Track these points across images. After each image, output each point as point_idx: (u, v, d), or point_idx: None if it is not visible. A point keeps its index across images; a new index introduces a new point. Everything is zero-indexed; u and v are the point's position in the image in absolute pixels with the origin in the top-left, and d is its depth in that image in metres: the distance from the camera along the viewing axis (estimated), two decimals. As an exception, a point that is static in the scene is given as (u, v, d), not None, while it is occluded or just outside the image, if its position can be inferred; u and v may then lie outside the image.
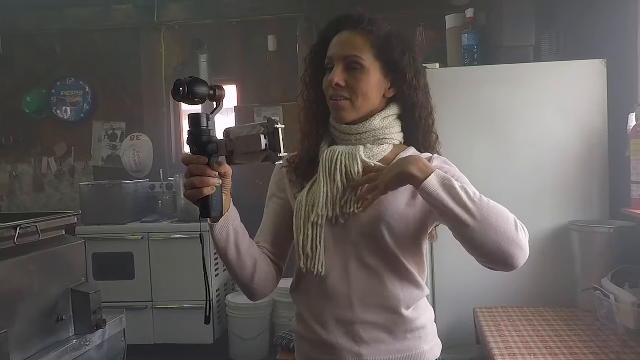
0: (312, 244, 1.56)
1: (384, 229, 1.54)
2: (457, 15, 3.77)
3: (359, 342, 1.56)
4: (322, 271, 1.56)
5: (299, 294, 1.68)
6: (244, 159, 1.38)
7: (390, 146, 1.64)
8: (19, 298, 2.49)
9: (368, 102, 1.60)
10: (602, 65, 3.21)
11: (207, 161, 1.37)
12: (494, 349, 2.57)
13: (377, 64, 1.59)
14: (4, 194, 6.34)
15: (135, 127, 6.04)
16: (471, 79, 3.37)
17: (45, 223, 2.74)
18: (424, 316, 1.63)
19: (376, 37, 1.59)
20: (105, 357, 2.94)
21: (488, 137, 3.29)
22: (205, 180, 1.36)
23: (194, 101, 1.36)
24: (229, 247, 1.51)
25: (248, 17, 5.84)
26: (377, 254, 1.56)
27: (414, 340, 1.59)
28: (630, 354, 2.44)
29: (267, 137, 1.32)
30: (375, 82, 1.59)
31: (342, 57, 1.58)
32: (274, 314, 5.07)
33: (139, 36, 6.05)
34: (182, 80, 1.35)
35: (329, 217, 1.55)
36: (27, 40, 6.18)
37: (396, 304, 1.57)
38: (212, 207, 1.41)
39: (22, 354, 2.46)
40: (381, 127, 1.61)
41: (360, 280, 1.56)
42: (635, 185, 2.98)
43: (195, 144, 1.39)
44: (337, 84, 1.57)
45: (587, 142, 3.22)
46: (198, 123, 1.38)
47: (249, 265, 1.56)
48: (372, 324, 1.56)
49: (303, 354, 1.67)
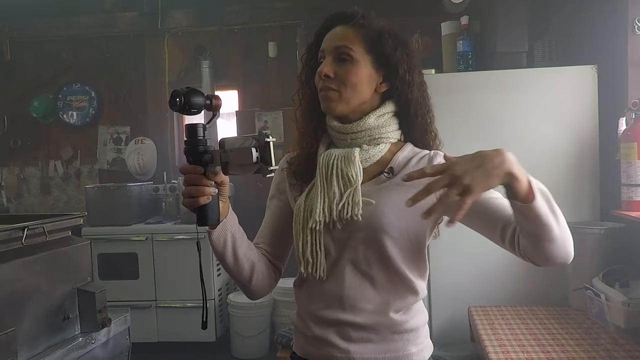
0: (311, 249, 1.54)
1: (385, 237, 1.51)
2: (452, 22, 3.78)
3: (347, 340, 1.55)
4: (323, 276, 1.56)
5: (299, 291, 1.67)
6: (237, 170, 1.39)
7: (387, 145, 1.60)
8: (26, 297, 2.50)
9: (358, 95, 1.55)
10: (593, 71, 3.21)
11: (204, 171, 1.38)
12: (488, 346, 2.57)
13: (367, 57, 1.55)
14: (12, 196, 6.35)
15: (140, 131, 6.06)
16: (466, 84, 3.36)
17: (52, 224, 2.75)
18: (414, 319, 1.60)
19: (368, 31, 1.56)
20: (110, 355, 2.94)
21: (482, 141, 3.26)
22: (201, 189, 1.38)
23: (190, 111, 1.37)
24: (226, 252, 1.51)
25: (249, 25, 5.86)
26: (374, 261, 1.54)
27: (401, 341, 1.57)
28: (620, 351, 2.44)
29: (259, 150, 1.33)
30: (365, 75, 1.55)
31: (333, 49, 1.55)
32: (274, 312, 5.08)
33: (143, 43, 6.07)
34: (179, 91, 1.35)
35: (326, 222, 1.52)
36: (35, 47, 6.20)
37: (385, 308, 1.55)
38: (209, 215, 1.42)
39: (29, 352, 2.46)
40: (376, 126, 1.57)
41: (354, 285, 1.55)
42: (625, 188, 2.98)
43: (192, 154, 1.39)
44: (326, 74, 1.53)
45: (579, 145, 3.23)
46: (195, 133, 1.39)
47: (246, 268, 1.56)
48: (360, 325, 1.54)
49: (299, 346, 1.68)
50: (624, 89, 3.15)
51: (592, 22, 3.49)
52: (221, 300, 5.20)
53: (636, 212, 2.90)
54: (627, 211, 2.96)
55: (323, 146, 1.64)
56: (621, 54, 3.17)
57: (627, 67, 3.13)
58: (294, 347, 1.72)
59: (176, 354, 5.12)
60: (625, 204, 2.99)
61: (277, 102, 5.77)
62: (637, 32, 3.09)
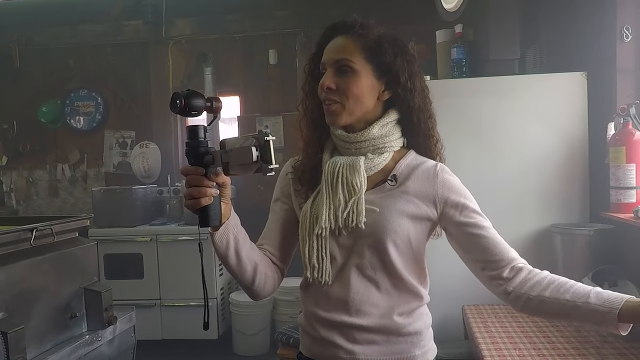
0: (317, 255, 1.54)
1: (389, 245, 1.51)
2: (447, 30, 3.78)
3: (353, 342, 1.55)
4: (329, 281, 1.55)
5: (305, 294, 1.66)
6: (238, 170, 1.36)
7: (390, 153, 1.59)
8: (35, 296, 2.50)
9: (361, 105, 1.54)
10: (582, 78, 3.22)
11: (205, 172, 1.36)
12: (481, 344, 2.57)
13: (368, 67, 1.53)
14: (21, 199, 6.35)
15: (144, 136, 6.06)
16: (460, 90, 3.37)
17: (59, 226, 2.75)
18: (418, 322, 1.60)
19: (367, 40, 1.54)
20: (116, 352, 2.94)
21: (476, 145, 3.29)
22: (203, 190, 1.35)
23: (190, 113, 1.34)
24: (229, 254, 1.49)
25: (250, 33, 5.86)
26: (378, 267, 1.54)
27: (406, 344, 1.57)
28: (609, 348, 2.44)
29: (259, 149, 1.31)
30: (367, 85, 1.53)
31: (333, 62, 1.54)
32: (275, 311, 5.08)
33: (148, 50, 6.07)
34: (179, 93, 1.33)
35: (332, 229, 1.52)
36: (43, 54, 6.20)
37: (390, 311, 1.55)
38: (211, 216, 1.39)
39: (38, 349, 2.46)
40: (380, 136, 1.55)
41: (359, 289, 1.54)
42: (614, 190, 2.98)
43: (193, 155, 1.37)
44: (328, 87, 1.52)
45: (569, 149, 3.23)
46: (196, 135, 1.37)
47: (249, 269, 1.54)
48: (365, 328, 1.54)
49: (305, 346, 1.67)
50: (613, 95, 3.15)
51: (582, 30, 3.50)
52: (223, 299, 5.20)
53: (624, 214, 2.90)
54: (616, 213, 2.96)
55: (327, 153, 1.62)
56: (610, 61, 3.18)
57: (615, 73, 3.14)
58: (301, 347, 1.70)
59: (180, 351, 5.11)
60: (614, 206, 3.00)
61: (277, 107, 5.78)
62: (625, 39, 3.10)
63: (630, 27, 3.10)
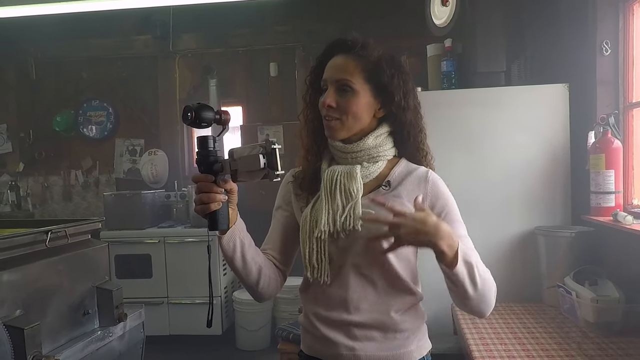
0: (317, 256, 1.54)
1: (384, 245, 1.48)
2: (437, 44, 3.79)
3: (352, 339, 1.55)
4: (327, 281, 1.55)
5: (305, 295, 1.67)
6: (246, 177, 1.37)
7: (384, 162, 1.61)
8: (49, 294, 2.50)
9: (359, 122, 1.55)
10: (564, 89, 3.23)
11: (214, 179, 1.38)
12: (470, 339, 2.58)
13: (366, 87, 1.54)
14: (37, 203, 6.34)
15: (153, 144, 6.06)
16: (449, 101, 3.38)
17: (73, 228, 2.75)
18: (413, 319, 1.61)
19: (367, 62, 1.55)
20: (126, 347, 2.94)
21: (464, 153, 3.30)
22: (212, 196, 1.37)
23: (200, 125, 1.36)
24: (236, 257, 1.50)
25: (252, 47, 5.89)
26: (375, 267, 1.55)
27: (402, 340, 1.57)
28: (589, 343, 2.44)
29: (266, 157, 1.32)
30: (365, 104, 1.55)
31: (335, 81, 1.54)
32: (275, 308, 5.07)
33: (156, 63, 6.08)
34: (190, 107, 1.34)
35: (330, 232, 1.52)
36: (57, 67, 6.21)
37: (387, 308, 1.56)
38: (219, 221, 1.41)
39: (52, 344, 2.46)
40: (374, 146, 1.57)
41: (357, 288, 1.55)
42: (594, 195, 2.99)
43: (203, 163, 1.39)
44: (329, 105, 1.53)
45: (552, 156, 3.23)
46: (206, 145, 1.39)
47: (254, 272, 1.55)
48: (364, 324, 1.55)
49: (306, 344, 1.67)
50: (593, 105, 3.16)
51: (565, 44, 3.51)
52: (227, 297, 5.19)
53: (604, 217, 2.92)
54: (596, 216, 2.97)
55: (325, 162, 1.64)
56: (590, 74, 3.19)
57: (595, 85, 3.15)
58: (302, 345, 1.70)
59: (186, 346, 5.11)
60: (594, 210, 3.01)
61: (278, 117, 5.79)
62: (605, 53, 3.12)
63: (610, 42, 3.11)
